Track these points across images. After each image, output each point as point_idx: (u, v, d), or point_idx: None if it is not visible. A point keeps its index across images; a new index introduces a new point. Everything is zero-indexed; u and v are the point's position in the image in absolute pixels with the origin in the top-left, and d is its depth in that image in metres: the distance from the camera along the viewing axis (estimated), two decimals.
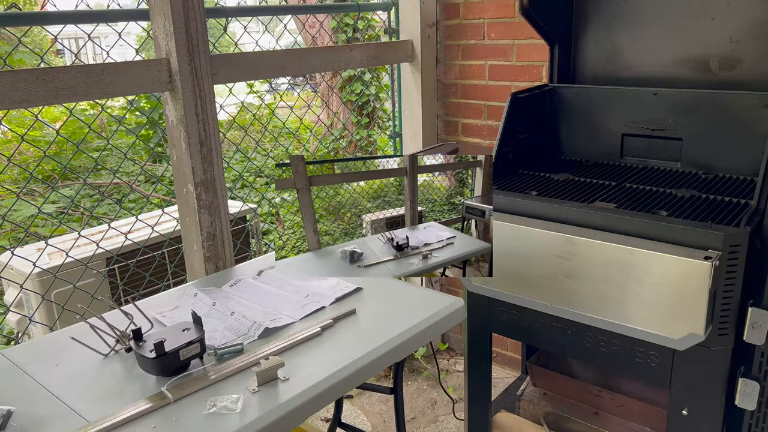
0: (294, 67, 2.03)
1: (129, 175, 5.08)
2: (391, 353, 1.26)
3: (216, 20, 1.96)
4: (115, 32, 1.94)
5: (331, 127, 5.05)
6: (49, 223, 3.83)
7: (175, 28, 1.60)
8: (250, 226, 2.65)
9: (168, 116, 1.71)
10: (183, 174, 1.73)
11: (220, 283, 1.58)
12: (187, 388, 1.09)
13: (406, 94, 2.60)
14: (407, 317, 1.36)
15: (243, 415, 1.03)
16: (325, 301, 1.44)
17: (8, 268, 2.08)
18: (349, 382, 1.18)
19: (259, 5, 2.57)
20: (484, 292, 1.63)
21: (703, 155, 1.76)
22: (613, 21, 1.92)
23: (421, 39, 2.48)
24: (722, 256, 1.25)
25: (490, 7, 2.39)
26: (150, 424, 1.01)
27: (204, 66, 1.68)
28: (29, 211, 3.61)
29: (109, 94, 1.55)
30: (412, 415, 2.51)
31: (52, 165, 4.60)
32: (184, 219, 1.79)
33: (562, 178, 1.75)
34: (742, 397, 1.35)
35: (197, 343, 1.15)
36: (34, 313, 2.03)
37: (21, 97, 1.39)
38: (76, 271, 2.03)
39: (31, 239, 3.40)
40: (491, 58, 2.45)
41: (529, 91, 1.91)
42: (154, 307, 1.43)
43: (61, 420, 1.04)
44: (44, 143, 4.71)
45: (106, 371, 1.19)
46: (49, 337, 1.37)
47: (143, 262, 2.22)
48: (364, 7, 2.73)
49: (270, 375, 1.12)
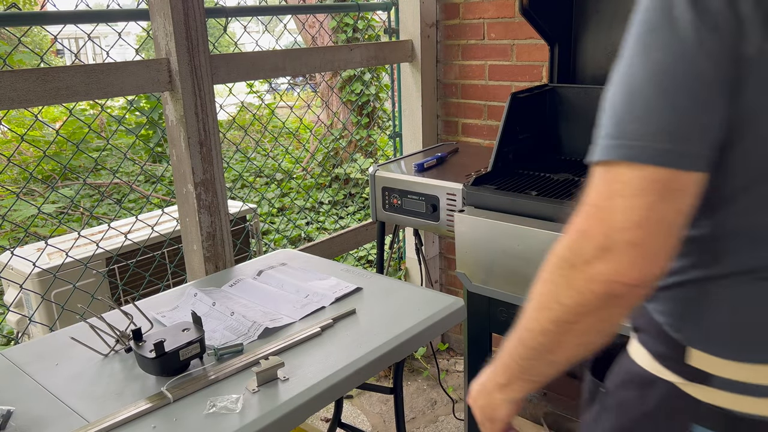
0: (294, 67, 2.03)
1: (129, 175, 5.08)
2: (391, 353, 1.26)
3: (216, 20, 1.96)
4: (114, 32, 1.94)
5: (331, 127, 5.05)
6: (48, 223, 3.83)
7: (175, 28, 1.60)
8: (250, 226, 2.65)
9: (168, 116, 1.71)
10: (183, 174, 1.73)
11: (220, 283, 1.58)
12: (187, 388, 1.09)
13: (406, 94, 2.60)
14: (407, 317, 1.36)
15: (243, 415, 1.03)
16: (324, 301, 1.44)
17: (8, 268, 2.08)
18: (348, 382, 1.18)
19: (259, 5, 2.57)
20: (484, 292, 1.63)
21: None
22: (613, 21, 1.92)
23: (421, 39, 2.48)
24: None
25: (490, 7, 2.39)
26: (150, 424, 1.01)
27: (204, 66, 1.68)
28: (29, 211, 3.61)
29: (108, 94, 1.55)
30: (412, 415, 2.51)
31: (51, 165, 4.59)
32: (184, 219, 1.79)
33: (562, 178, 1.75)
34: None
35: (197, 343, 1.15)
36: (34, 313, 2.03)
37: (21, 97, 1.39)
38: (76, 271, 2.03)
39: (30, 239, 3.40)
40: (491, 58, 2.45)
41: (529, 91, 1.91)
42: (153, 307, 1.43)
43: (60, 420, 1.03)
44: (44, 143, 4.71)
45: (106, 371, 1.18)
46: (49, 337, 1.36)
47: (143, 262, 2.22)
48: (363, 7, 2.73)
49: (270, 375, 1.12)
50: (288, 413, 1.06)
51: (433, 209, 1.82)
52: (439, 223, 1.84)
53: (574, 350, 0.76)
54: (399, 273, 2.87)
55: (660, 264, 0.67)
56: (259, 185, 5.06)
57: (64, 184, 4.48)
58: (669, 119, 0.63)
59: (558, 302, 0.72)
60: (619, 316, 0.71)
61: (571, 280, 0.70)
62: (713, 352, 0.73)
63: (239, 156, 5.28)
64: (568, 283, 0.70)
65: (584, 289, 0.69)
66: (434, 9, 2.52)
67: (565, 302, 0.71)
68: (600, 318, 0.70)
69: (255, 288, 1.54)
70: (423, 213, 1.85)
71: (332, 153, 5.07)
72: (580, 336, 0.73)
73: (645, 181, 0.64)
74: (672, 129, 0.63)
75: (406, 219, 1.92)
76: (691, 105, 0.63)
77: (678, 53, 0.62)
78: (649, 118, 0.64)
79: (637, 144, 0.64)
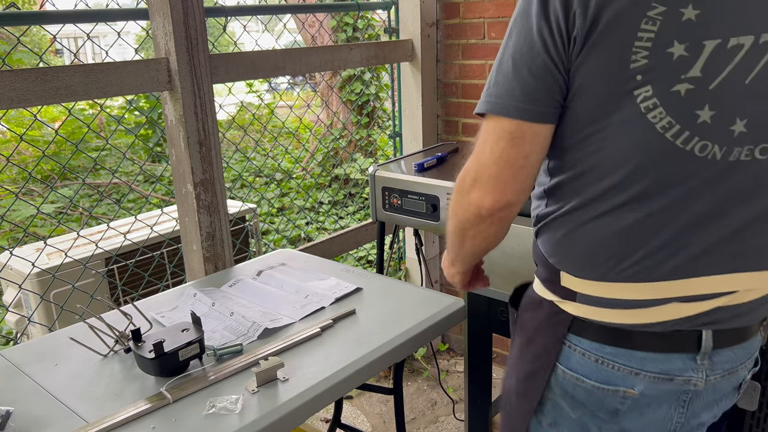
0: (293, 66, 2.03)
1: (128, 174, 5.07)
2: (391, 353, 1.26)
3: (215, 19, 1.95)
4: (114, 32, 1.94)
5: (330, 127, 5.05)
6: (47, 223, 3.83)
7: (174, 27, 1.59)
8: (249, 226, 2.65)
9: (167, 116, 1.70)
10: (182, 174, 1.73)
11: (220, 284, 1.57)
12: (187, 389, 1.09)
13: (406, 94, 2.60)
14: (407, 317, 1.36)
15: (242, 416, 1.02)
16: (324, 302, 1.44)
17: (7, 268, 2.08)
18: (348, 383, 1.18)
19: (259, 4, 2.56)
20: (485, 292, 1.62)
21: None
22: None
23: (421, 38, 2.48)
24: None
25: (491, 6, 2.39)
26: (149, 424, 1.01)
27: (203, 65, 1.68)
28: (28, 211, 3.60)
29: (108, 93, 1.54)
30: (412, 415, 2.50)
31: (50, 165, 4.59)
32: (184, 219, 1.79)
33: None
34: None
35: (196, 343, 1.14)
36: (33, 313, 2.02)
37: (20, 97, 1.39)
38: (75, 271, 2.03)
39: (30, 239, 3.39)
40: (491, 57, 2.44)
41: None
42: (153, 308, 1.43)
43: (60, 420, 1.03)
44: (43, 143, 4.71)
45: (105, 372, 1.18)
46: (48, 337, 1.36)
47: (142, 263, 2.22)
48: (363, 7, 2.73)
49: (269, 375, 1.12)
50: (288, 414, 1.05)
51: (433, 209, 1.81)
52: (439, 223, 1.84)
53: (474, 247, 1.03)
54: (399, 273, 2.87)
55: (509, 194, 0.90)
56: (258, 185, 5.05)
57: (63, 184, 4.48)
58: (519, 85, 0.86)
59: (456, 216, 1.00)
60: (493, 230, 0.97)
61: (460, 202, 0.96)
62: (576, 274, 0.95)
63: (239, 156, 5.27)
64: (459, 204, 0.97)
65: (466, 209, 0.95)
66: (434, 8, 2.52)
67: (459, 217, 0.99)
68: (480, 230, 0.97)
69: (254, 288, 1.53)
70: (423, 213, 1.85)
71: (332, 153, 5.07)
72: (472, 239, 1.00)
73: (501, 129, 0.88)
74: (520, 92, 0.86)
75: (406, 219, 1.91)
76: (533, 77, 0.85)
77: (528, 40, 0.85)
78: (507, 83, 0.87)
79: (497, 101, 0.88)
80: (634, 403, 0.96)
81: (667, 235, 0.88)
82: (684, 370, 0.94)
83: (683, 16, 0.79)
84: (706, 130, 0.83)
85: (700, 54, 0.80)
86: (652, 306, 0.91)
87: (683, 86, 0.81)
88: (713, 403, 1.00)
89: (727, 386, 0.99)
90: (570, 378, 0.99)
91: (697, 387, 0.95)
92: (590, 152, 0.88)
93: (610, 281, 0.92)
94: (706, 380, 0.95)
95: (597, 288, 0.93)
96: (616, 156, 0.86)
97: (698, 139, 0.83)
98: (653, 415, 0.98)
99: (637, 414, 0.97)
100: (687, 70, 0.80)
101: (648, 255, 0.89)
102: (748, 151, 0.84)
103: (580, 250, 0.94)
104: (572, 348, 0.97)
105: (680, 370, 0.94)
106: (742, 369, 0.98)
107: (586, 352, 0.96)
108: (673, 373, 0.94)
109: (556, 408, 1.03)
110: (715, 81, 0.81)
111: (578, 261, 0.94)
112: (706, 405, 0.99)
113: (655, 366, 0.93)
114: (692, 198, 0.86)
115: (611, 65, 0.81)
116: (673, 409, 0.97)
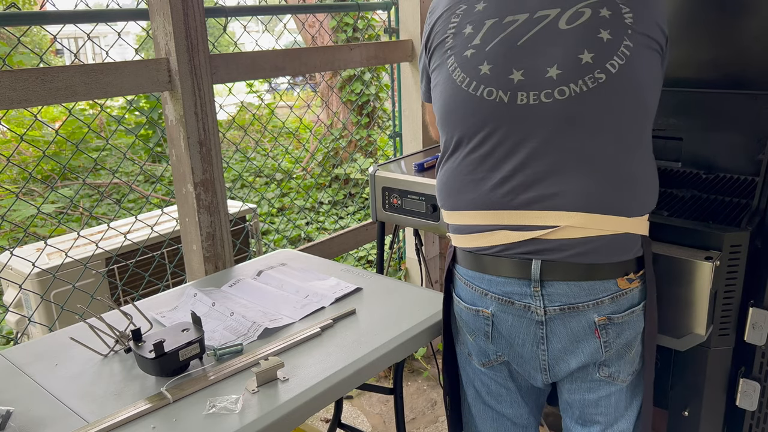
0: (293, 66, 2.03)
1: (128, 175, 5.07)
2: (391, 354, 1.26)
3: (215, 20, 1.95)
4: (114, 32, 1.94)
5: (330, 127, 5.05)
6: (48, 223, 3.83)
7: (174, 27, 1.59)
8: (249, 226, 2.65)
9: (167, 116, 1.70)
10: (182, 174, 1.73)
11: (220, 284, 1.57)
12: (187, 389, 1.09)
13: (406, 94, 2.60)
14: (407, 317, 1.36)
15: (242, 416, 1.02)
16: (324, 302, 1.44)
17: (7, 268, 2.08)
18: (348, 383, 1.18)
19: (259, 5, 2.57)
20: None
21: (703, 155, 1.75)
22: None
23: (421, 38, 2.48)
24: (723, 256, 1.25)
25: None
26: (149, 424, 1.01)
27: (203, 65, 1.68)
28: (28, 211, 3.60)
29: (108, 93, 1.54)
30: (412, 415, 2.51)
31: (51, 165, 4.59)
32: (184, 219, 1.79)
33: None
34: (742, 397, 1.35)
35: (197, 343, 1.14)
36: (33, 313, 2.03)
37: (20, 97, 1.39)
38: (76, 271, 2.03)
39: (30, 239, 3.40)
40: None
41: None
42: (153, 308, 1.43)
43: (60, 420, 1.03)
44: (43, 143, 4.71)
45: (106, 372, 1.18)
46: (48, 337, 1.36)
47: (142, 263, 2.22)
48: (363, 7, 2.73)
49: (269, 375, 1.12)
50: (288, 414, 1.05)
51: (433, 209, 1.81)
52: (439, 223, 1.84)
53: None
54: (399, 273, 2.87)
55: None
56: (258, 185, 5.06)
57: (64, 184, 4.48)
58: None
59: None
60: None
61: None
62: (444, 207, 1.22)
63: (239, 156, 5.27)
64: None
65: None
66: None
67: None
68: None
69: (255, 288, 1.53)
70: (423, 213, 1.85)
71: (332, 153, 5.07)
72: None
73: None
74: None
75: (406, 219, 1.91)
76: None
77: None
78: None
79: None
80: (496, 330, 1.15)
81: (495, 170, 1.10)
82: (522, 296, 1.10)
83: (475, 9, 1.16)
84: (486, 78, 1.11)
85: (482, 29, 1.14)
86: (486, 231, 1.12)
87: (470, 51, 1.14)
88: (573, 345, 1.11)
89: (576, 325, 1.09)
90: (457, 303, 1.22)
91: (539, 316, 1.09)
92: (435, 107, 1.21)
93: (458, 210, 1.17)
94: (545, 309, 1.09)
95: (452, 216, 1.19)
96: (442, 108, 1.18)
97: (484, 86, 1.11)
98: (521, 349, 1.14)
99: (505, 344, 1.16)
100: (472, 41, 1.14)
101: (479, 186, 1.12)
102: (534, 96, 1.07)
103: (443, 188, 1.21)
104: (458, 277, 1.22)
105: (519, 296, 1.10)
106: (586, 309, 1.08)
107: (462, 278, 1.20)
108: (513, 297, 1.11)
109: (463, 334, 1.26)
110: (489, 45, 1.12)
111: (443, 197, 1.21)
112: (565, 347, 1.11)
113: (498, 288, 1.12)
114: (504, 137, 1.09)
115: (442, 51, 1.20)
116: (535, 345, 1.12)
